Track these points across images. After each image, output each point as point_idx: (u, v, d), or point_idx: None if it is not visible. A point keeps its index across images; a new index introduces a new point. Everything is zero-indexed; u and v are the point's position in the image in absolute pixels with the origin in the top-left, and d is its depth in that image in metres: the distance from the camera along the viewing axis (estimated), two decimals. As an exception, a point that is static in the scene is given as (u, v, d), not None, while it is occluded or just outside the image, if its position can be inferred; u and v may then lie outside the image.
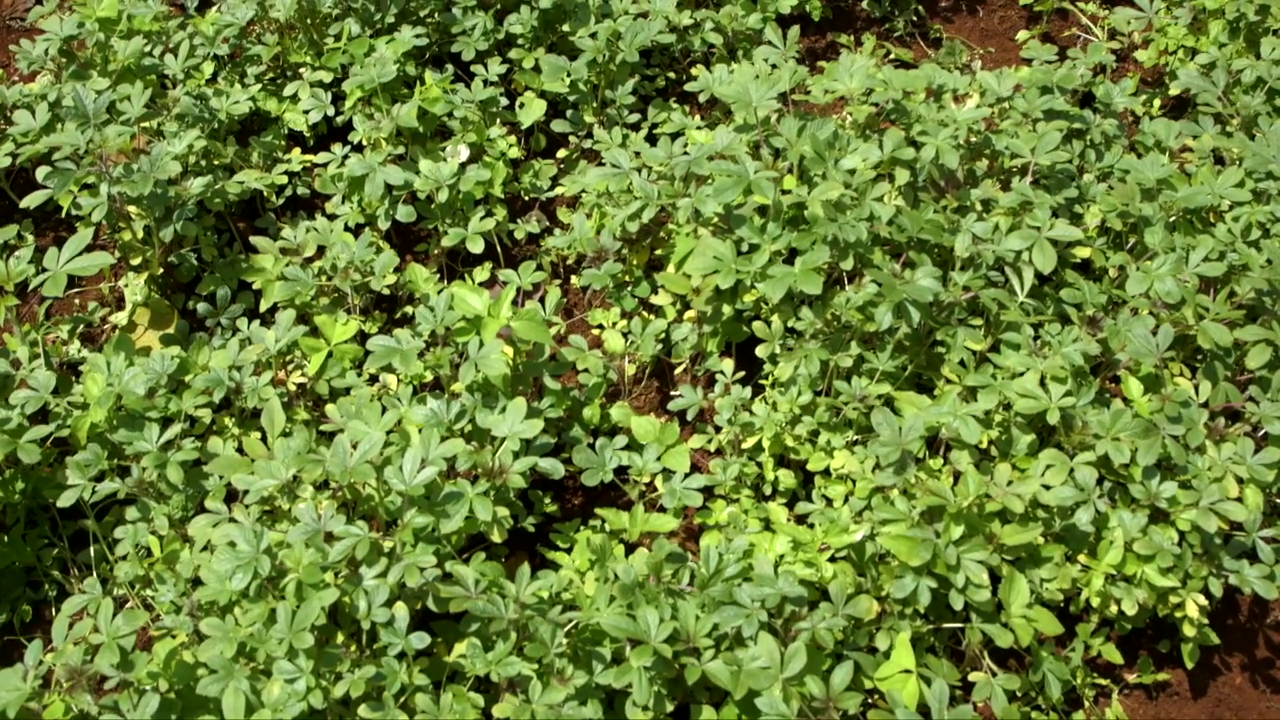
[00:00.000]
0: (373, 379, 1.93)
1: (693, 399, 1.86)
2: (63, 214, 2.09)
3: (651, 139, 2.32)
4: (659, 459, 1.78)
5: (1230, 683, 1.77)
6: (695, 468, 1.84)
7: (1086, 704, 1.70)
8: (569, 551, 1.74)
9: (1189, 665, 1.70)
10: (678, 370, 2.01)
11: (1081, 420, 1.69)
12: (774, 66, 2.19)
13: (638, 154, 2.09)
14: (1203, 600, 1.63)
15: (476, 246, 2.06)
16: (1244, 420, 1.76)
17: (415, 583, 1.50)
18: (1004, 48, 2.68)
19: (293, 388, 1.91)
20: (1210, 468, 1.66)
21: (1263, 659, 1.78)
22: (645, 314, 2.02)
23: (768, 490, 1.81)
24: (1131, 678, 1.75)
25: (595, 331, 2.06)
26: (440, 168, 2.10)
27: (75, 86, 2.06)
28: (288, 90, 2.33)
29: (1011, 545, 1.56)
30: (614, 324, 2.02)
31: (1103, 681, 1.74)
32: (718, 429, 1.86)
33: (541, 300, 1.90)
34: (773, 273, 1.77)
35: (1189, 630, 1.65)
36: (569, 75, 2.31)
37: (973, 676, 1.57)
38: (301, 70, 2.38)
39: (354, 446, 1.59)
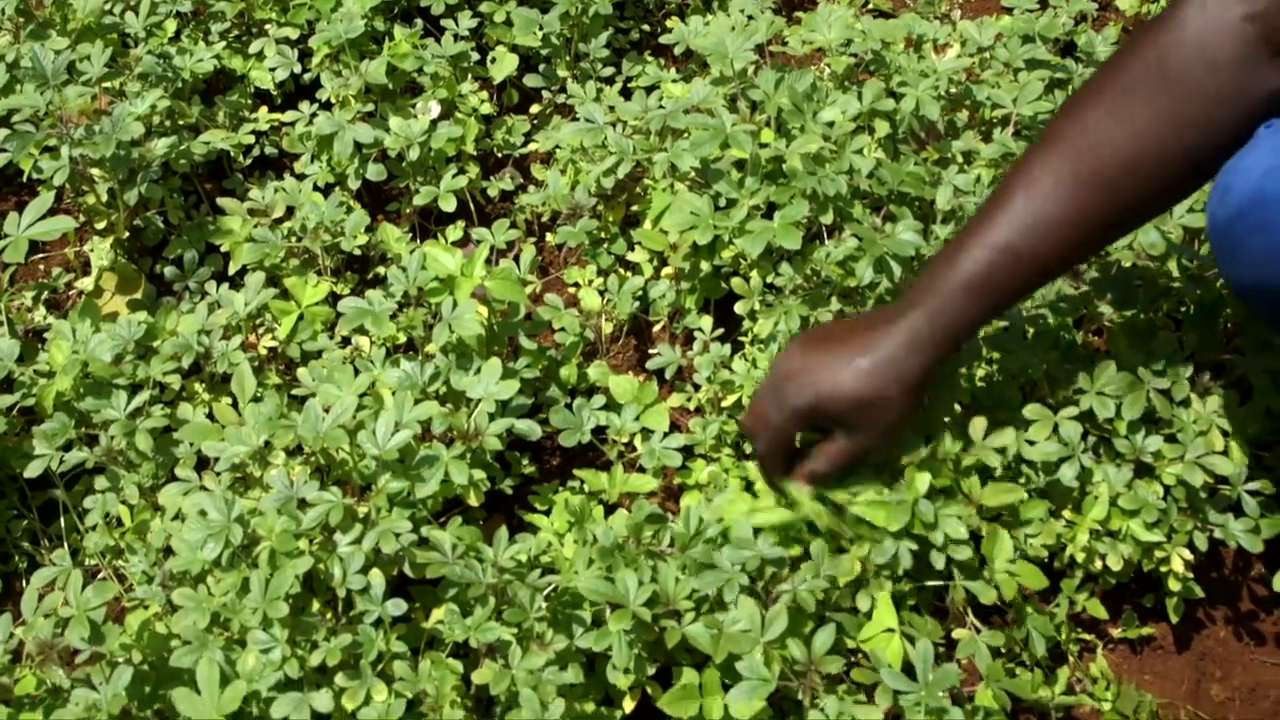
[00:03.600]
0: (345, 341, 1.90)
1: (671, 357, 1.83)
2: (24, 178, 2.04)
3: (626, 93, 2.28)
4: (638, 419, 1.75)
5: (1215, 636, 1.76)
6: (675, 427, 1.82)
7: (1071, 659, 1.69)
8: (547, 513, 1.72)
9: (1174, 619, 1.69)
10: (656, 328, 1.99)
11: (1065, 374, 1.66)
12: (750, 17, 2.15)
13: (612, 108, 2.05)
14: (1188, 554, 1.62)
15: (449, 205, 2.03)
16: (1229, 373, 1.74)
17: (391, 549, 1.47)
18: (983, -4, 2.64)
19: (264, 352, 1.88)
20: (1195, 421, 1.64)
21: (1246, 612, 1.77)
22: (622, 271, 1.99)
23: (748, 449, 1.78)
24: (1116, 632, 1.74)
25: (571, 290, 2.03)
26: (411, 125, 2.06)
27: (33, 46, 2.00)
28: (253, 48, 2.28)
29: (992, 506, 1.54)
30: (590, 282, 1.99)
31: (1087, 636, 1.73)
32: (697, 387, 1.83)
33: (516, 259, 1.87)
34: (751, 228, 1.74)
35: (1174, 584, 1.64)
36: (541, 29, 2.26)
37: (956, 633, 1.55)
38: (267, 27, 2.32)
39: (326, 411, 1.56)
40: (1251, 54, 1.32)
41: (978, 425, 1.57)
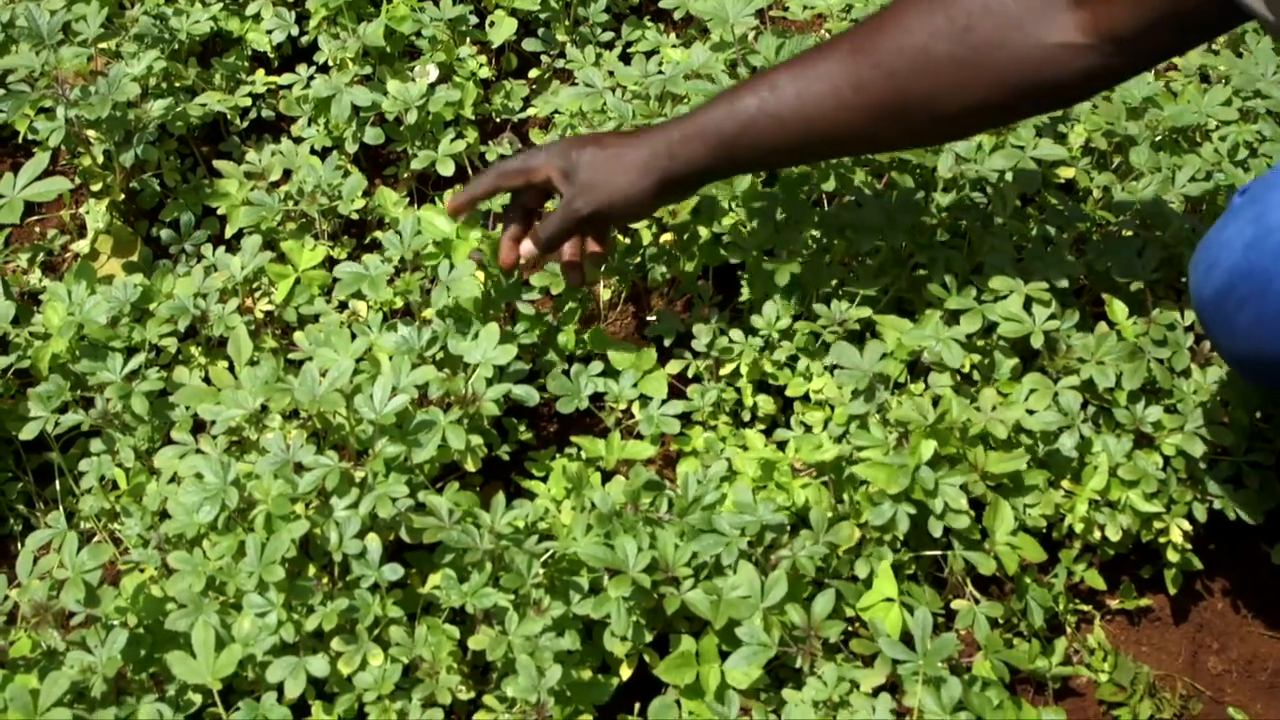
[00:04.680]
0: (342, 306, 1.89)
1: (670, 323, 1.82)
2: (19, 139, 2.02)
3: (625, 58, 2.26)
4: (635, 385, 1.74)
5: (1212, 608, 1.76)
6: (673, 393, 1.80)
7: (1068, 630, 1.69)
8: (544, 480, 1.71)
9: (1172, 591, 1.68)
10: (654, 294, 1.97)
11: (1065, 344, 1.66)
12: (751, -18, 2.13)
13: (611, 73, 2.04)
14: (1186, 525, 1.62)
15: (447, 169, 2.01)
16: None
17: (387, 513, 1.46)
18: (985, -36, 2.61)
19: (260, 315, 1.87)
20: (1195, 391, 1.64)
21: (1245, 584, 1.77)
22: (620, 237, 1.98)
23: (746, 416, 1.78)
24: (1114, 603, 1.74)
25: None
26: (409, 88, 2.05)
27: (28, 6, 1.99)
28: (250, 9, 2.26)
29: (996, 473, 1.53)
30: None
31: (1085, 607, 1.72)
32: (695, 354, 1.82)
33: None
34: (750, 197, 1.73)
35: (1172, 556, 1.64)
36: (540, -8, 2.25)
37: (955, 604, 1.55)
38: (264, -12, 2.30)
39: (323, 375, 1.55)
40: None
41: (987, 396, 1.57)
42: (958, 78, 1.40)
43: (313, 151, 2.08)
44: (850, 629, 1.55)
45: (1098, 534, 1.62)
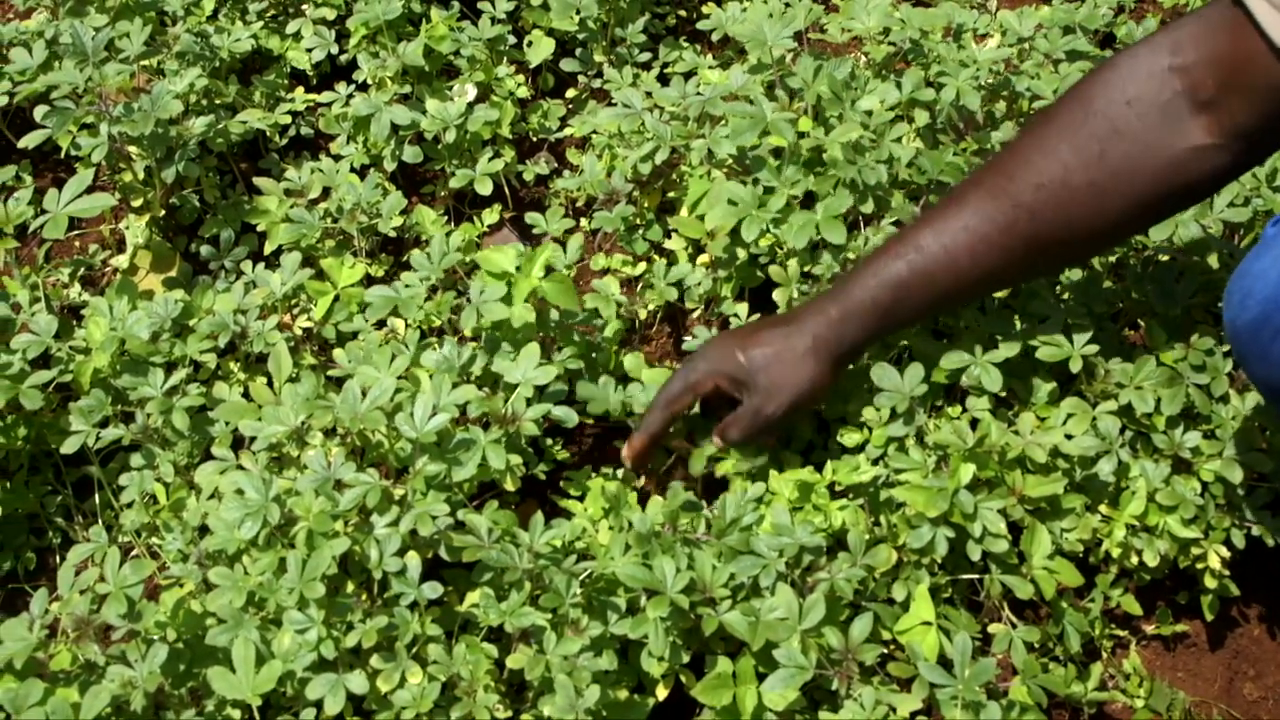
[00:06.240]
0: (380, 323, 1.90)
1: (707, 344, 1.83)
2: (62, 154, 2.04)
3: (663, 79, 2.27)
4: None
5: (1249, 634, 1.75)
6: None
7: (1104, 655, 1.69)
8: (581, 499, 1.71)
9: (1208, 617, 1.68)
10: (691, 315, 1.98)
11: (1104, 369, 1.66)
12: (788, 4, 2.14)
13: (649, 94, 2.05)
14: (1225, 551, 1.61)
15: (485, 188, 2.02)
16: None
17: (427, 531, 1.47)
18: (1020, -14, 2.62)
19: (299, 332, 1.88)
20: (1234, 417, 1.63)
21: (1282, 610, 1.77)
22: (656, 257, 1.98)
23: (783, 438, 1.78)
24: (1150, 629, 1.73)
25: (606, 277, 2.02)
26: (447, 107, 2.06)
27: (73, 23, 2.01)
28: (290, 28, 2.28)
29: (1034, 496, 1.53)
30: (623, 265, 1.98)
31: (1121, 633, 1.72)
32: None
33: (563, 247, 1.85)
34: (794, 219, 1.73)
35: (1209, 582, 1.63)
36: (578, 13, 2.26)
37: (992, 628, 1.55)
38: (304, 7, 2.32)
39: (363, 392, 1.56)
40: (1173, 104, 1.36)
41: (1025, 420, 1.57)
42: (1097, 202, 1.44)
43: (351, 169, 2.09)
44: (887, 652, 1.55)
45: (1135, 559, 1.61)
